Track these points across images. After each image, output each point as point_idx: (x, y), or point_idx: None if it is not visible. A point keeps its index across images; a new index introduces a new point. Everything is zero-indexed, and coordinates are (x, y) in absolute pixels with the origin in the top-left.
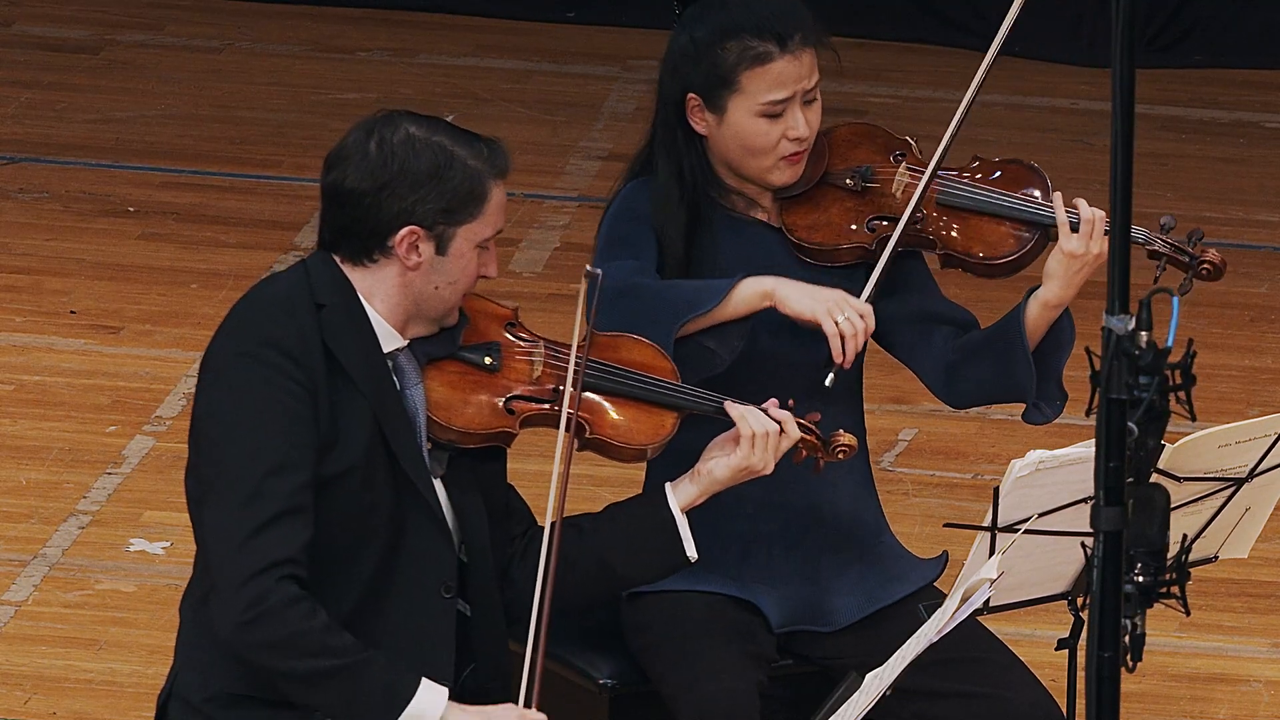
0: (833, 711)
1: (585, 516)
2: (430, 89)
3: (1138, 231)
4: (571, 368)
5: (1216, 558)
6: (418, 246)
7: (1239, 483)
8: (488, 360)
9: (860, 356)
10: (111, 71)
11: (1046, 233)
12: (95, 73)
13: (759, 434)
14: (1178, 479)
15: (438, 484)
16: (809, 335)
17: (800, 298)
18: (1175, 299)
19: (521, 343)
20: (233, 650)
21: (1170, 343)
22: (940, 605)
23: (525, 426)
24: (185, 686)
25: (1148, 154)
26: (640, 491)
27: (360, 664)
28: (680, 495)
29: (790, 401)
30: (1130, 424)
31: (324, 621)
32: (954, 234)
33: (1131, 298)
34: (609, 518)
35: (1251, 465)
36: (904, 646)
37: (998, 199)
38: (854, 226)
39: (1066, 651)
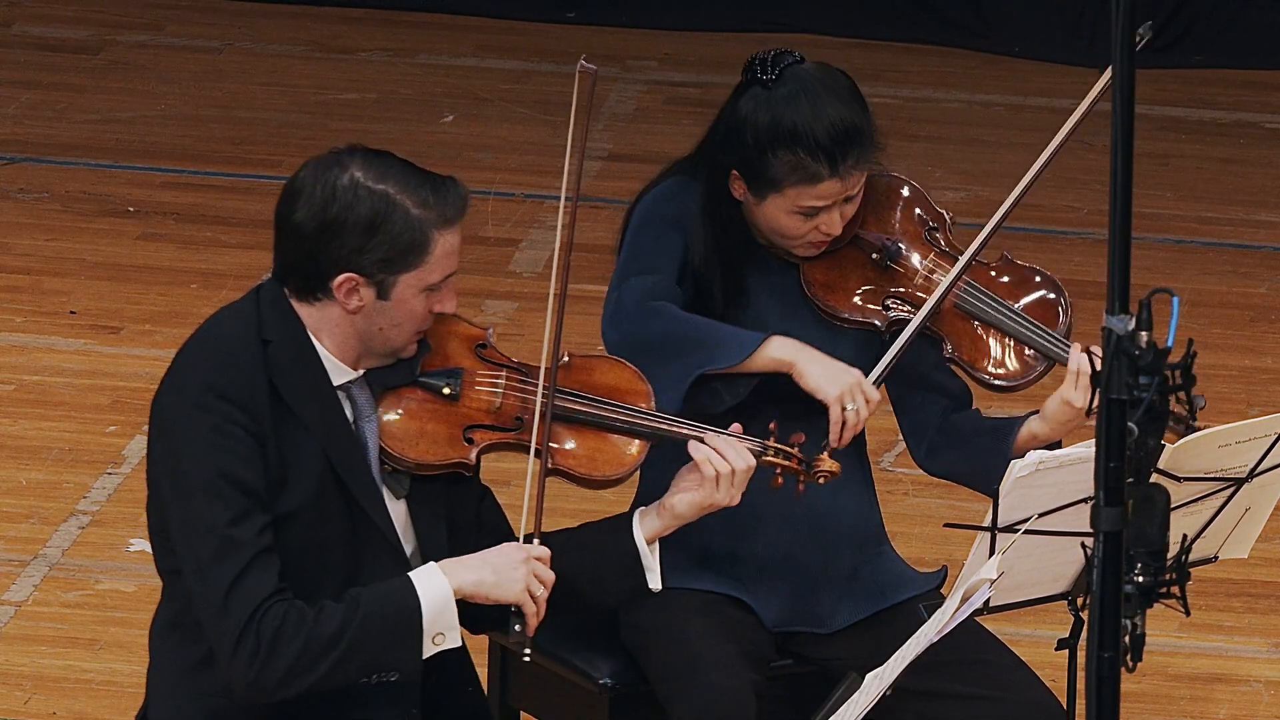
0: (833, 712)
1: (557, 535)
2: (430, 89)
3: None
4: (539, 398)
5: (1216, 558)
6: (357, 291)
7: (1239, 483)
8: (446, 390)
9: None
10: (111, 71)
11: (1052, 365)
12: (95, 73)
13: (722, 474)
14: (1178, 479)
15: (401, 505)
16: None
17: (819, 376)
18: (1175, 299)
19: (486, 368)
20: (259, 703)
21: (1170, 343)
22: (940, 605)
23: (485, 454)
24: (156, 717)
25: (1148, 154)
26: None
27: (360, 624)
28: (646, 527)
29: (772, 425)
30: (1130, 424)
31: (310, 622)
32: (963, 340)
33: (1131, 298)
34: (577, 543)
35: (1251, 465)
36: (904, 647)
37: (1017, 322)
38: (869, 300)
39: (1066, 651)
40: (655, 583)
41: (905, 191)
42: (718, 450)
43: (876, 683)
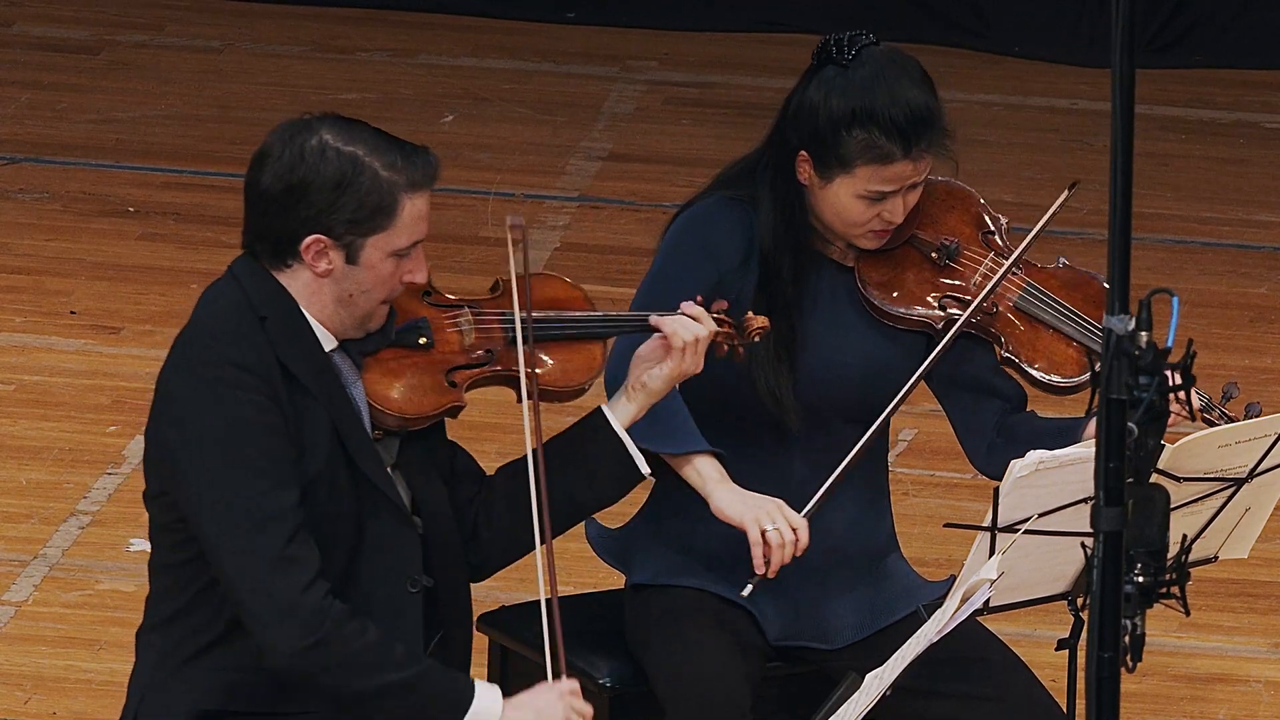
0: (833, 711)
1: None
2: (430, 89)
3: (1200, 396)
4: (519, 329)
5: (1216, 558)
6: (326, 254)
7: (1239, 483)
8: (421, 341)
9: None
10: (111, 71)
11: None
12: (95, 73)
13: (690, 341)
14: (1178, 479)
15: (394, 473)
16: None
17: (730, 503)
18: (1175, 299)
19: (446, 311)
20: (293, 674)
21: (1170, 343)
22: (940, 606)
23: (470, 390)
24: (151, 712)
25: (1148, 154)
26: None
27: (421, 675)
28: (620, 414)
29: (698, 299)
30: (1130, 424)
31: (376, 635)
32: (1022, 341)
33: (1131, 298)
34: (560, 456)
35: (1251, 465)
36: (904, 647)
37: (1077, 322)
38: (928, 300)
39: (1066, 651)
40: (645, 468)
41: (961, 196)
42: (681, 322)
43: (876, 683)
